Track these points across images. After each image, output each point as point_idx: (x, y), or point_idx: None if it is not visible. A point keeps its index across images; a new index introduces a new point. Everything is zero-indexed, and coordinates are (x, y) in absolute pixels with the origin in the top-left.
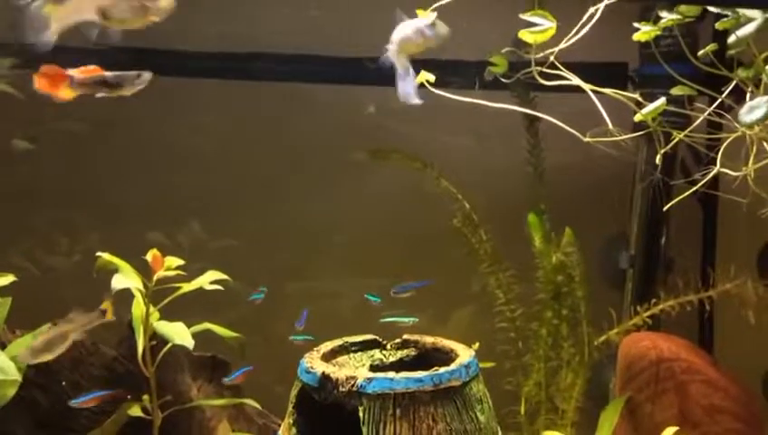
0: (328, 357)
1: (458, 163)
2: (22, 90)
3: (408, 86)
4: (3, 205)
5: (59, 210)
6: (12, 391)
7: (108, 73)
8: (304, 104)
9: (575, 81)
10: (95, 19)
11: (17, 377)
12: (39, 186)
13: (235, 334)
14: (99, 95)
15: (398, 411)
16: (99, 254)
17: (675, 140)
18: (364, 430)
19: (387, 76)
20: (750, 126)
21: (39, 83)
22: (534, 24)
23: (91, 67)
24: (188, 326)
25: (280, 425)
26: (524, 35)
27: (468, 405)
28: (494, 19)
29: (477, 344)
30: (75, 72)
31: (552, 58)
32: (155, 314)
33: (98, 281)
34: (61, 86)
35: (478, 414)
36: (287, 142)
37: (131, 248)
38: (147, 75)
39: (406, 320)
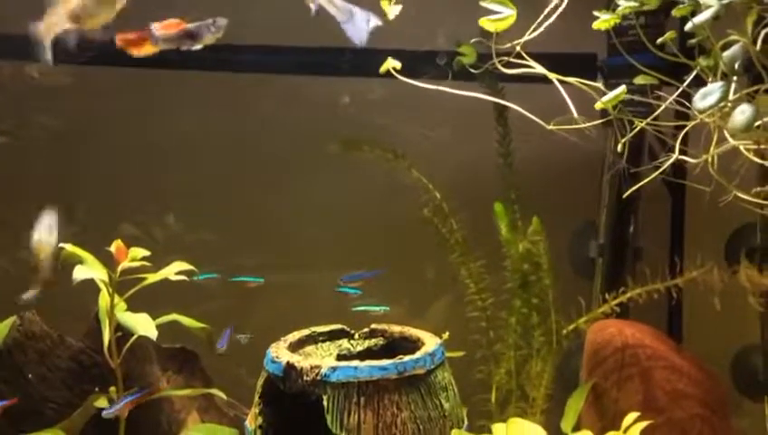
0: (295, 347)
1: (430, 154)
2: None
3: (359, 28)
4: None
5: (34, 204)
6: None
7: (189, 25)
8: (281, 96)
9: (539, 70)
10: (70, 26)
11: None
12: (15, 180)
13: (202, 325)
14: (183, 48)
15: (362, 400)
16: (62, 245)
17: (636, 128)
18: (328, 418)
19: (362, 67)
20: (703, 112)
21: (123, 45)
22: (495, 12)
23: (172, 21)
24: (156, 318)
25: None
26: (485, 23)
27: (433, 393)
28: (466, 8)
29: (447, 334)
30: (156, 29)
31: (518, 48)
32: (121, 306)
33: (66, 274)
34: (144, 45)
35: (443, 401)
36: (264, 134)
37: (107, 242)
38: (222, 21)
39: (377, 309)
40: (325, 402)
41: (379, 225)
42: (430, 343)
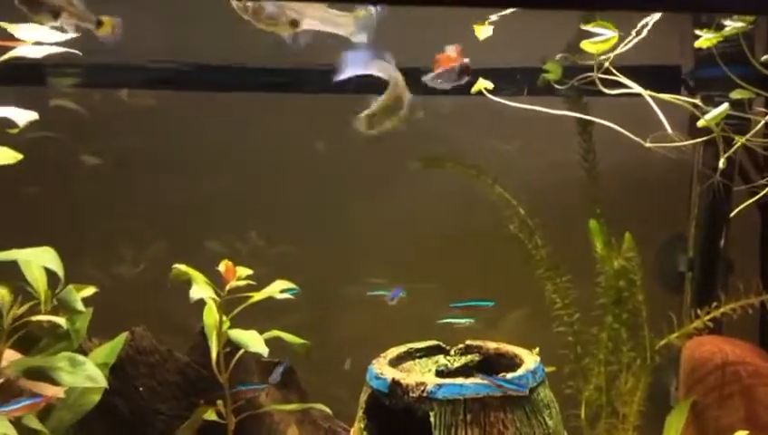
0: (394, 363)
1: (508, 168)
2: (85, 107)
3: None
4: (74, 217)
5: (123, 221)
6: (97, 398)
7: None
8: (352, 113)
9: (635, 87)
10: None
11: (105, 384)
12: (105, 198)
13: (301, 341)
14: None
15: (468, 417)
16: (175, 266)
17: (737, 144)
18: (435, 434)
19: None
20: None
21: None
22: (596, 35)
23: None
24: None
25: (344, 429)
26: (587, 46)
27: (537, 410)
28: (543, 27)
29: (537, 350)
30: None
31: (607, 64)
32: (226, 322)
33: (161, 289)
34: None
35: (546, 419)
36: (343, 151)
37: (192, 257)
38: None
39: (462, 321)
40: (432, 419)
41: (458, 239)
42: (530, 360)
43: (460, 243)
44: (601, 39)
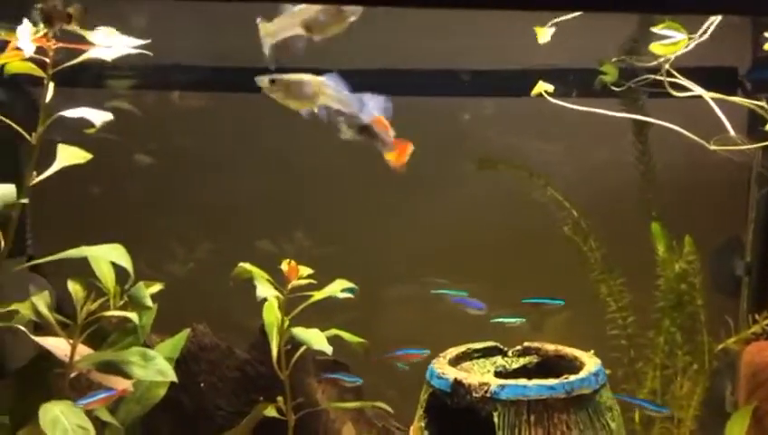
0: (453, 363)
1: (558, 170)
2: (139, 107)
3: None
4: (126, 215)
5: (174, 220)
6: (163, 392)
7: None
8: (403, 115)
9: (697, 89)
10: (300, 33)
11: (174, 379)
12: (157, 197)
13: (359, 339)
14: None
15: (532, 418)
16: (241, 264)
17: None
18: (499, 434)
19: (481, 87)
20: None
21: None
22: (665, 37)
23: None
24: None
25: (398, 428)
26: (656, 48)
27: (599, 413)
28: (595, 29)
29: (592, 352)
30: None
31: (666, 66)
32: (286, 321)
33: (211, 287)
34: None
35: (609, 422)
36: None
37: (241, 256)
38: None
39: (514, 321)
40: (496, 419)
41: (507, 239)
42: (591, 362)
43: (509, 244)
44: (671, 41)
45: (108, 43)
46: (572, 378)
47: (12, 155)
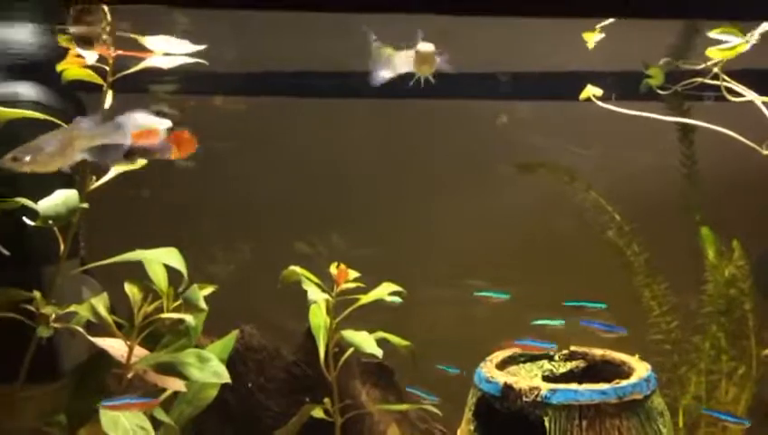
0: (499, 367)
1: (599, 174)
2: (180, 111)
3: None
4: (168, 218)
5: (214, 222)
6: (214, 393)
7: None
8: (437, 119)
9: (749, 94)
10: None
11: (229, 380)
12: (196, 201)
13: (406, 342)
14: None
15: (584, 423)
16: (292, 268)
17: None
18: None
19: (518, 90)
20: None
21: None
22: (721, 42)
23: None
24: None
25: (440, 430)
26: (713, 53)
27: (651, 418)
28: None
29: (637, 356)
30: None
31: (715, 69)
32: (333, 323)
33: (251, 288)
34: None
35: (661, 427)
36: (422, 155)
37: (278, 258)
38: None
39: (555, 323)
40: (547, 423)
41: (546, 243)
42: (641, 368)
43: (547, 247)
44: (728, 45)
45: (166, 50)
46: (624, 383)
47: None
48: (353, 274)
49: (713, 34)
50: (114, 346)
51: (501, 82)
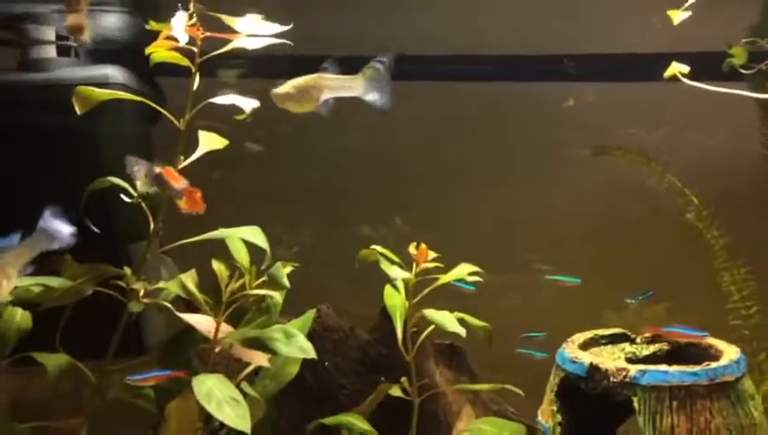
0: (582, 348)
1: (674, 156)
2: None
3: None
4: (236, 201)
5: (280, 205)
6: (295, 370)
7: None
8: (501, 102)
9: None
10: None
11: (315, 355)
12: (263, 184)
13: (483, 324)
14: None
15: (674, 404)
16: (373, 247)
17: None
18: (640, 420)
19: (595, 72)
20: None
21: None
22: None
23: None
24: None
25: (513, 412)
26: None
27: (742, 400)
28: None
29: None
30: None
31: None
32: (411, 303)
33: (314, 269)
34: None
35: (752, 410)
36: (487, 139)
37: (343, 241)
38: None
39: (569, 280)
40: (636, 404)
41: (615, 227)
42: (730, 351)
43: (617, 231)
44: None
45: (253, 32)
46: (715, 365)
47: (145, 142)
48: (432, 254)
49: None
50: (202, 323)
51: (569, 66)
